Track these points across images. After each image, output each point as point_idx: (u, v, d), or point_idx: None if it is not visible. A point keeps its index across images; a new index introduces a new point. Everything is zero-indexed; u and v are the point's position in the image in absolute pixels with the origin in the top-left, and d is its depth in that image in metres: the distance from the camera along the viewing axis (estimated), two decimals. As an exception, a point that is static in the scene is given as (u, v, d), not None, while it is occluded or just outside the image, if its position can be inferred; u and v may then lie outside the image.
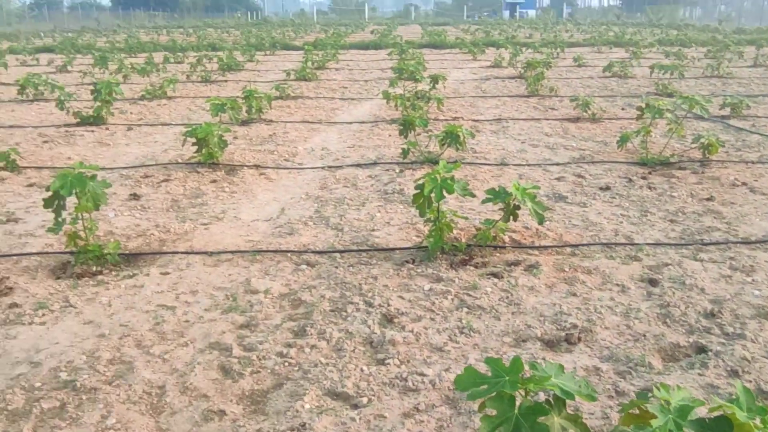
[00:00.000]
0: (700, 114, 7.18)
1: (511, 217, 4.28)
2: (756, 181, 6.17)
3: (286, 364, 3.07)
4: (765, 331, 3.33)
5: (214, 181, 6.27)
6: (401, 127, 7.35)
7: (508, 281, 3.93)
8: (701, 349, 3.16)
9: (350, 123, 9.30)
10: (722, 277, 4.00)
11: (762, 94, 12.08)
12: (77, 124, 9.31)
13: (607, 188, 5.94)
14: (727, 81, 14.38)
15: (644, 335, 3.30)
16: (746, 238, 4.66)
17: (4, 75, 16.21)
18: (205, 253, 4.46)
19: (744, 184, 6.07)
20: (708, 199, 5.59)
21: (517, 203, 4.21)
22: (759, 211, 5.30)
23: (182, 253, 4.46)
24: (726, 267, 4.16)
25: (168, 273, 4.14)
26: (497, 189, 4.25)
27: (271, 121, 9.40)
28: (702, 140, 6.90)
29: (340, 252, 4.44)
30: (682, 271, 4.07)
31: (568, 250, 4.44)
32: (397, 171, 6.56)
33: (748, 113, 9.83)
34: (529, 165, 6.82)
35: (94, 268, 4.18)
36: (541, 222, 4.20)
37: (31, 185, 6.26)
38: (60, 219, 4.08)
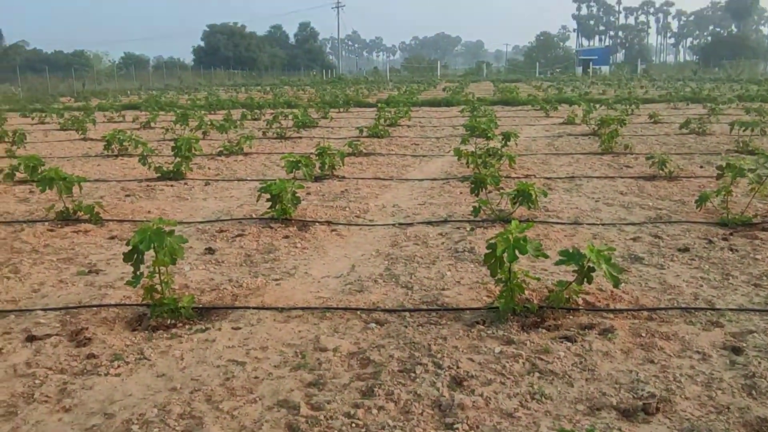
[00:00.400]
0: (785, 173, 6.95)
1: (585, 280, 4.19)
2: None
3: (354, 425, 3.04)
4: None
5: (287, 236, 6.37)
6: (472, 185, 7.35)
7: (582, 345, 3.81)
8: (791, 425, 2.98)
9: (421, 180, 9.35)
10: (812, 347, 3.80)
11: None
12: (158, 179, 9.66)
13: (686, 249, 5.75)
14: (812, 138, 13.89)
15: (728, 407, 3.14)
16: (838, 305, 4.42)
17: (92, 131, 17.02)
18: (276, 308, 4.50)
19: (834, 247, 5.80)
20: (795, 263, 5.35)
21: (591, 265, 4.12)
22: None
23: (254, 308, 4.51)
24: (816, 336, 3.95)
25: (239, 328, 4.19)
26: (571, 250, 4.18)
27: (343, 177, 9.54)
28: (787, 201, 6.65)
29: (410, 311, 4.41)
30: (768, 340, 3.88)
31: (645, 314, 4.30)
32: (468, 229, 6.53)
33: (836, 172, 9.44)
34: (603, 224, 6.69)
35: (169, 321, 4.27)
36: (616, 285, 4.09)
37: (112, 237, 6.49)
38: (138, 272, 4.20)
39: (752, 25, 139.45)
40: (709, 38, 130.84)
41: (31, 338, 4.08)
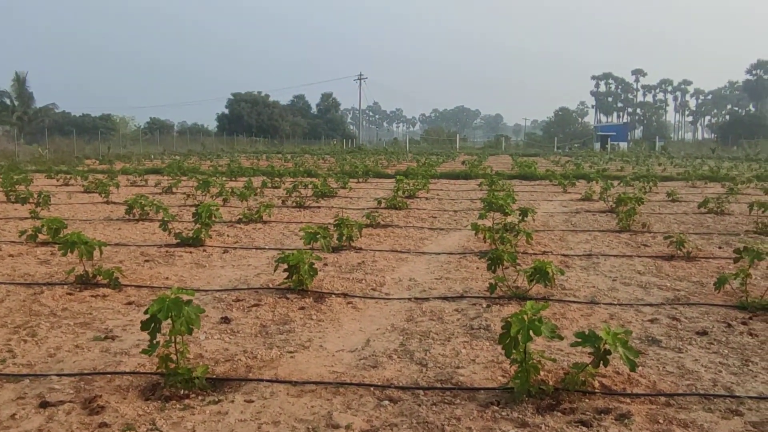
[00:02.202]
0: (804, 257, 6.91)
1: (602, 362, 4.15)
2: None
3: (364, 507, 2.99)
4: None
5: (303, 308, 6.39)
6: (489, 261, 7.35)
7: (598, 431, 3.76)
8: None
9: (438, 254, 9.38)
10: (835, 440, 3.71)
11: None
12: (177, 245, 9.76)
13: (705, 333, 5.69)
14: (832, 221, 13.81)
15: (748, 502, 3.07)
16: None
17: (115, 194, 17.33)
18: (290, 382, 4.48)
19: None
20: (816, 350, 5.27)
21: (607, 348, 4.09)
22: None
23: (267, 380, 4.50)
24: (838, 428, 3.86)
25: (252, 401, 4.17)
26: (587, 332, 4.16)
27: (360, 249, 9.58)
28: (807, 286, 6.59)
29: (424, 389, 4.38)
30: (790, 431, 3.81)
31: (663, 399, 4.23)
32: (484, 306, 6.51)
33: None
34: (620, 305, 6.64)
35: (182, 391, 4.26)
36: (633, 368, 4.06)
37: (130, 303, 6.54)
38: (155, 341, 4.23)
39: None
40: (727, 117, 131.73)
41: (44, 404, 4.09)
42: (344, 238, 9.62)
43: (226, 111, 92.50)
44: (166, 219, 10.36)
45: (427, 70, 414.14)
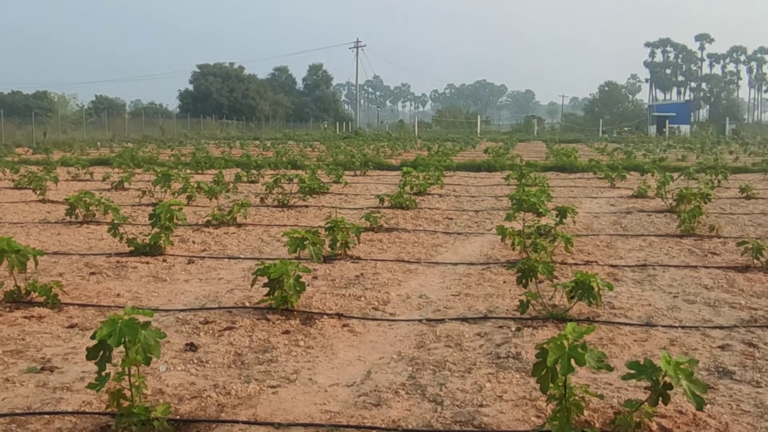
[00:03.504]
0: None
1: (661, 399, 4.15)
2: None
3: None
4: None
5: (287, 332, 6.38)
6: (519, 273, 7.36)
7: (657, 485, 3.76)
8: None
9: (455, 264, 9.38)
10: None
11: None
12: (130, 254, 9.76)
13: (788, 363, 5.70)
14: None
15: None
16: None
17: (53, 191, 17.36)
18: (272, 424, 4.48)
19: None
20: None
21: (668, 381, 4.09)
22: None
23: (243, 422, 4.50)
24: None
25: (225, 448, 4.18)
26: (642, 362, 4.16)
27: (358, 258, 9.59)
28: None
29: (439, 433, 4.39)
30: None
31: (737, 445, 4.24)
32: (513, 329, 6.51)
33: None
34: (683, 327, 6.64)
35: (138, 437, 4.26)
36: (700, 407, 4.05)
37: (72, 326, 6.53)
38: (104, 373, 4.22)
39: None
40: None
41: (-34, 453, 4.09)
42: (338, 244, 9.63)
43: (191, 87, 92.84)
44: (116, 221, 10.35)
45: (441, 34, 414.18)
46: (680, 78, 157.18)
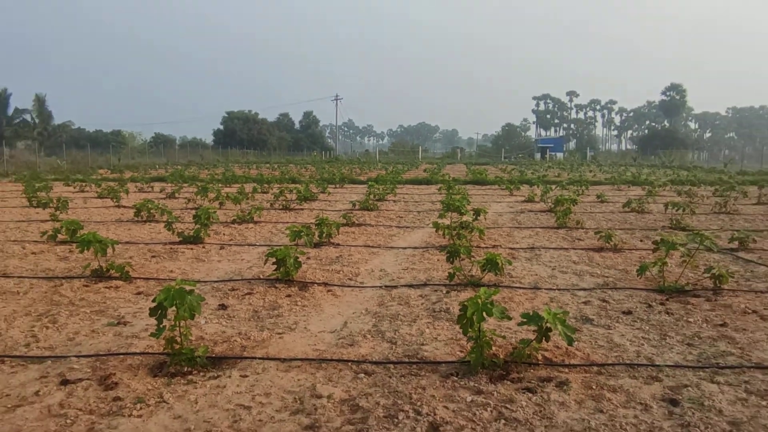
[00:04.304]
0: (710, 247, 7.04)
1: (544, 338, 4.20)
2: (765, 309, 5.91)
3: (344, 465, 2.98)
4: (780, 454, 3.11)
5: (289, 295, 6.35)
6: (448, 254, 7.38)
7: (541, 396, 3.79)
8: (720, 470, 2.96)
9: (405, 248, 9.38)
10: (738, 400, 3.78)
11: (766, 229, 11.77)
12: (179, 243, 9.63)
13: (629, 313, 5.77)
14: (734, 217, 14.11)
15: (666, 453, 3.12)
16: (759, 363, 4.43)
17: (125, 200, 17.06)
18: (279, 359, 4.46)
19: (754, 312, 5.82)
20: (721, 325, 5.36)
21: (549, 326, 4.14)
22: (769, 338, 5.06)
23: (259, 358, 4.47)
24: (741, 390, 3.94)
25: (247, 376, 4.14)
26: (531, 313, 4.20)
27: (338, 244, 9.56)
28: (713, 271, 6.70)
29: (394, 363, 4.38)
30: (701, 393, 3.87)
31: (595, 369, 4.29)
32: (444, 292, 6.53)
33: (754, 246, 9.56)
34: (559, 290, 6.71)
35: (186, 369, 4.21)
36: (570, 343, 4.10)
37: (139, 293, 6.44)
38: (161, 326, 4.17)
39: (681, 121, 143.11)
40: (646, 131, 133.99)
41: (65, 382, 4.01)
42: (324, 235, 9.59)
43: (221, 127, 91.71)
44: (170, 220, 10.22)
45: (395, 91, 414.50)
46: (556, 120, 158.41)
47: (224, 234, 10.78)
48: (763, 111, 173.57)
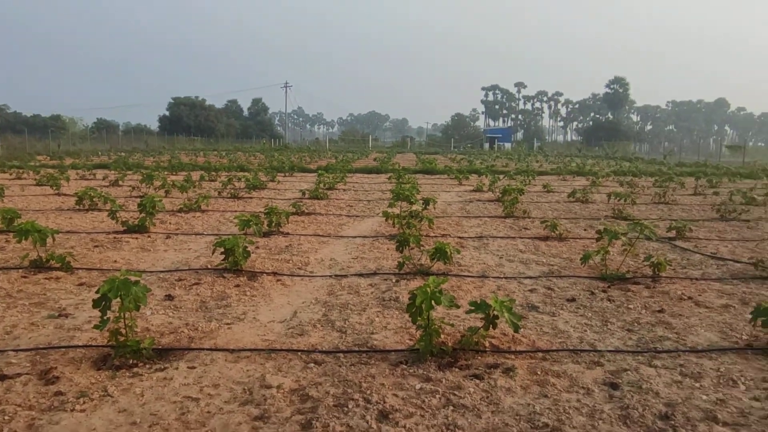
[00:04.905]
0: (649, 236, 7.29)
1: (491, 326, 4.27)
2: (700, 295, 6.18)
3: (294, 454, 2.98)
4: (712, 434, 3.26)
5: (238, 285, 6.27)
6: (398, 243, 7.42)
7: (488, 382, 3.87)
8: (657, 450, 3.09)
9: (354, 237, 9.39)
10: (674, 383, 3.95)
11: (702, 219, 12.26)
12: (124, 232, 9.39)
13: (573, 300, 5.93)
14: (672, 207, 14.62)
15: (607, 435, 3.23)
16: (693, 347, 4.63)
17: (65, 187, 16.49)
18: (228, 350, 4.41)
19: (690, 298, 6.07)
20: (659, 311, 5.57)
21: (496, 314, 4.21)
22: (704, 322, 5.28)
23: (207, 349, 4.41)
24: (677, 373, 4.11)
25: (194, 367, 4.08)
26: (479, 301, 4.27)
27: (287, 233, 9.48)
28: (652, 259, 6.95)
29: (344, 352, 4.39)
30: (639, 377, 4.03)
31: (540, 355, 4.40)
32: (394, 281, 6.57)
33: (690, 235, 9.94)
34: (506, 278, 6.83)
35: (131, 361, 4.12)
36: (516, 330, 4.19)
37: (81, 284, 6.26)
38: (105, 318, 4.07)
39: (624, 113, 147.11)
40: (591, 122, 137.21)
41: (2, 377, 3.87)
42: (273, 224, 9.50)
43: (167, 113, 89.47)
44: (113, 209, 9.94)
45: (345, 79, 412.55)
46: (505, 111, 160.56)
47: (171, 223, 10.56)
48: (700, 105, 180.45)
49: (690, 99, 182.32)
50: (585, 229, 10.57)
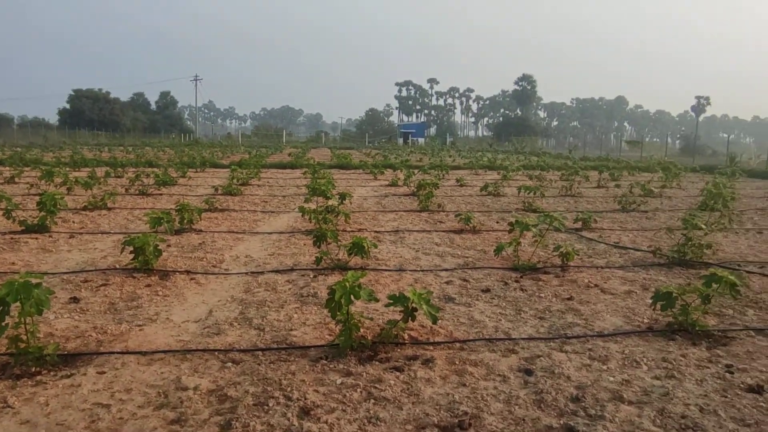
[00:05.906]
0: (558, 227, 7.59)
1: (410, 318, 4.32)
2: (605, 283, 6.49)
3: (213, 457, 2.91)
4: (621, 412, 3.44)
5: (149, 285, 6.04)
6: (315, 238, 7.38)
7: (408, 374, 3.92)
8: (570, 430, 3.22)
9: (270, 233, 9.25)
10: (583, 366, 4.13)
11: (605, 210, 12.90)
12: (22, 232, 8.84)
13: (488, 290, 6.09)
14: (578, 199, 15.31)
15: (523, 419, 3.34)
16: (600, 332, 4.86)
17: (-47, 185, 15.35)
18: (140, 353, 4.24)
19: (596, 285, 6.37)
20: (568, 299, 5.82)
21: (414, 306, 4.27)
22: (609, 308, 5.55)
23: (118, 353, 4.22)
24: (586, 357, 4.31)
25: (104, 372, 3.90)
26: (397, 294, 4.31)
27: (200, 231, 9.23)
28: (561, 249, 7.24)
29: (262, 350, 4.32)
30: (552, 362, 4.18)
31: (458, 345, 4.49)
32: (312, 276, 6.52)
33: (595, 226, 10.45)
34: (422, 271, 6.93)
35: (33, 369, 3.89)
36: (434, 322, 4.26)
37: (-25, 289, 5.83)
38: (4, 324, 3.81)
39: (532, 110, 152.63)
40: (501, 118, 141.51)
41: None
42: (186, 221, 9.22)
43: (68, 106, 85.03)
44: (9, 207, 9.33)
45: (258, 73, 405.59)
46: (418, 107, 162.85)
47: (74, 222, 10.04)
48: (602, 102, 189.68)
49: (592, 96, 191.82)
50: (497, 222, 10.88)
